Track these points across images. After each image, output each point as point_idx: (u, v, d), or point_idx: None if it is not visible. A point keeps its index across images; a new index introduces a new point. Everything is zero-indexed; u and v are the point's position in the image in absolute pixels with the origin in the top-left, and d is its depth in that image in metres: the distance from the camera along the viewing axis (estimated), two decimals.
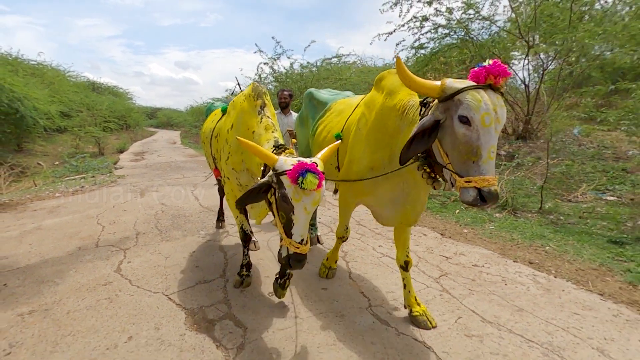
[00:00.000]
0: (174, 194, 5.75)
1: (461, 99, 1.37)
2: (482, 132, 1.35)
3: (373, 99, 2.05)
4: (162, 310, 2.33)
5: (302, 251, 1.57)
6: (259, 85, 2.17)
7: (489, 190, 1.36)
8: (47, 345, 2.00)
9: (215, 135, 2.51)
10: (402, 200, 1.97)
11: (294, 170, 1.50)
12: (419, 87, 1.48)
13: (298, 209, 1.54)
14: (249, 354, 1.92)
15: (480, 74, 1.40)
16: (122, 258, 3.17)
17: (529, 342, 2.00)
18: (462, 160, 1.41)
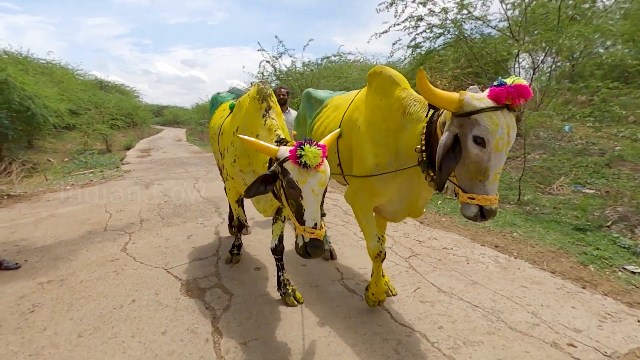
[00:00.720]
0: (177, 186, 6.16)
1: (479, 119, 1.35)
2: (493, 155, 1.36)
3: (368, 97, 2.06)
4: (161, 281, 2.72)
5: (318, 236, 1.57)
6: (264, 86, 2.13)
7: (490, 208, 1.40)
8: (63, 305, 2.40)
9: (221, 132, 2.51)
10: (408, 195, 2.00)
11: (294, 149, 1.52)
12: (437, 100, 1.44)
13: (306, 192, 1.54)
14: (232, 313, 2.29)
15: (501, 95, 1.35)
16: (127, 240, 3.57)
17: (474, 307, 2.33)
18: (469, 177, 1.43)
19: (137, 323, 2.18)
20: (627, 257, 3.04)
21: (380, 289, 2.20)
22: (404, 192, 1.99)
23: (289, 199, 1.62)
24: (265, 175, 1.65)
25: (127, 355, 1.90)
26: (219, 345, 1.98)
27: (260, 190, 1.65)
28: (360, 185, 2.07)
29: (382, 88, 1.96)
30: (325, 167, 1.58)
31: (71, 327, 2.15)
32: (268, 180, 1.66)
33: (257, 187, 1.64)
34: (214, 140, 2.77)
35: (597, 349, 1.93)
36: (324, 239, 3.35)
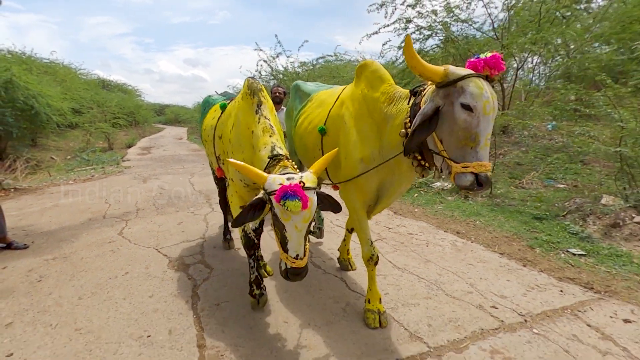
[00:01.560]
0: (173, 180, 6.58)
1: (464, 86, 1.41)
2: (482, 119, 1.40)
3: (354, 90, 2.09)
4: (152, 258, 3.12)
5: (299, 265, 1.60)
6: (253, 81, 2.13)
7: (485, 175, 1.41)
8: (66, 276, 2.81)
9: (219, 135, 2.44)
10: (387, 192, 2.06)
11: (277, 195, 1.52)
12: (423, 69, 1.47)
13: (289, 227, 1.55)
14: (211, 282, 2.68)
15: (478, 65, 1.45)
16: (124, 225, 3.99)
17: (420, 279, 2.71)
18: (460, 146, 1.45)
19: (129, 289, 2.59)
20: (573, 242, 3.39)
21: (375, 294, 2.20)
22: (385, 187, 2.04)
23: (274, 226, 1.64)
24: (253, 203, 1.64)
25: (119, 312, 2.30)
26: (197, 305, 2.38)
27: (248, 217, 1.65)
28: (350, 183, 2.07)
29: (369, 80, 1.99)
30: (311, 205, 1.56)
31: (73, 292, 2.56)
32: (257, 207, 1.65)
33: (245, 215, 1.64)
34: (208, 142, 2.72)
35: (514, 310, 2.30)
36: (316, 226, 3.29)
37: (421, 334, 2.06)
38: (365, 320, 2.15)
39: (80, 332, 2.10)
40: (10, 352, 1.93)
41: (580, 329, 2.12)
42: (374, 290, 2.20)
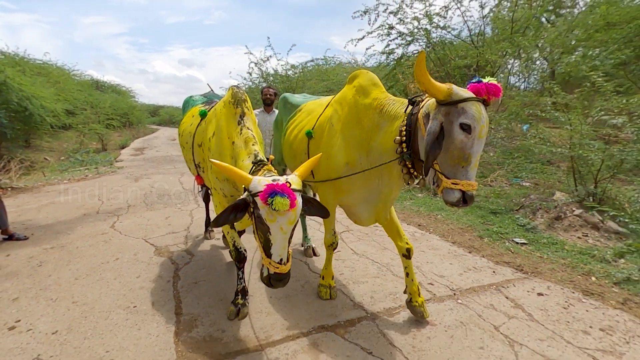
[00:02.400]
0: (163, 180, 6.99)
1: (465, 108, 1.50)
2: (476, 141, 1.51)
3: (345, 95, 2.17)
4: (140, 247, 3.54)
5: (282, 271, 1.58)
6: (238, 90, 2.13)
7: (471, 194, 1.54)
8: (64, 262, 3.22)
9: (199, 143, 2.43)
10: (375, 198, 2.11)
11: (264, 192, 1.52)
12: (429, 86, 1.54)
13: (274, 230, 1.54)
14: (191, 266, 3.11)
15: (481, 89, 1.54)
16: (115, 220, 4.40)
17: (374, 262, 3.15)
18: (453, 163, 1.55)
19: (119, 271, 3.00)
20: (520, 233, 3.85)
21: (329, 272, 2.52)
22: (372, 194, 2.09)
23: (257, 230, 1.62)
24: (235, 204, 1.63)
25: (110, 289, 2.71)
26: (177, 284, 2.80)
27: (230, 219, 1.63)
28: (328, 183, 2.16)
29: (362, 88, 2.07)
30: (297, 206, 1.57)
31: (69, 274, 2.97)
32: (239, 208, 1.64)
33: (226, 216, 1.62)
34: (186, 148, 2.71)
35: (447, 286, 2.74)
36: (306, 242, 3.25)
37: (363, 304, 2.50)
38: (318, 293, 2.57)
39: (77, 304, 2.51)
40: (18, 319, 2.34)
41: (498, 300, 2.56)
42: (329, 269, 2.55)
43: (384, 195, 2.10)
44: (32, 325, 2.27)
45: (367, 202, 2.16)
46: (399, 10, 8.26)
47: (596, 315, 2.40)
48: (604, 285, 2.78)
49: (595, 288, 2.74)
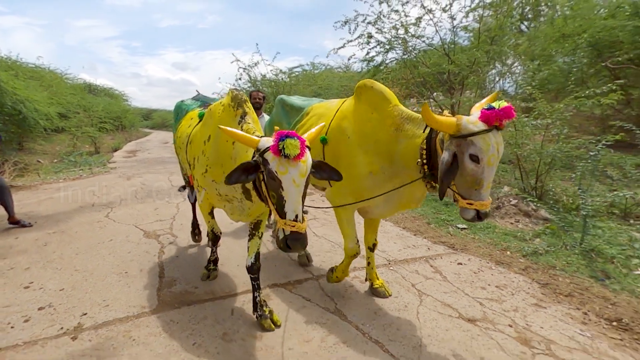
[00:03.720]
0: (154, 178, 7.61)
1: (474, 141, 1.65)
2: (486, 169, 1.67)
3: (358, 109, 2.28)
4: (131, 231, 4.16)
5: (299, 229, 1.60)
6: (238, 92, 2.14)
7: (485, 212, 1.73)
8: (65, 242, 3.83)
9: (190, 141, 2.49)
10: (397, 199, 2.27)
11: (275, 141, 1.57)
12: (439, 125, 1.71)
13: (286, 182, 1.58)
14: (174, 245, 3.73)
15: (491, 117, 1.65)
16: (109, 211, 5.02)
17: (330, 242, 3.80)
18: (467, 187, 1.74)
19: (113, 249, 3.62)
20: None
21: (346, 274, 2.67)
22: (393, 195, 2.22)
23: (269, 190, 1.65)
24: (247, 163, 1.68)
25: (105, 261, 3.33)
26: (161, 257, 3.43)
27: (241, 179, 1.68)
28: (348, 189, 2.28)
29: (372, 102, 2.20)
30: (307, 157, 1.63)
31: (71, 251, 3.59)
32: (249, 170, 1.69)
33: (238, 175, 1.67)
34: (182, 149, 2.77)
35: (385, 258, 3.40)
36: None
37: (312, 270, 3.14)
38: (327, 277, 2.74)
39: (79, 271, 3.13)
40: (31, 282, 2.95)
41: (423, 267, 3.22)
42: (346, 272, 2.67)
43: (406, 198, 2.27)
44: (43, 285, 2.88)
45: (387, 202, 2.33)
46: (377, 20, 8.99)
47: (498, 278, 3.06)
48: (514, 257, 3.44)
49: (507, 259, 3.41)
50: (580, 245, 3.46)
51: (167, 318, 2.42)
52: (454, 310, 2.54)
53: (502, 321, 2.43)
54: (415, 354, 2.08)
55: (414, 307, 2.58)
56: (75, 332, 2.26)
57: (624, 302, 2.67)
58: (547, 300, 2.71)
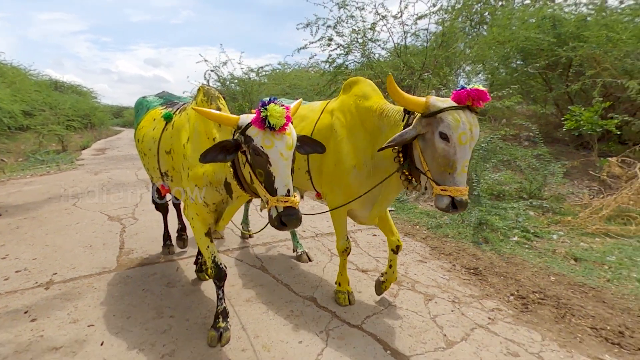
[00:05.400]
0: (121, 173, 8.14)
1: (443, 117, 1.65)
2: (458, 148, 1.65)
3: (345, 102, 2.32)
4: (97, 216, 4.77)
5: (292, 203, 1.57)
6: (210, 88, 2.12)
7: (460, 199, 1.66)
8: (36, 225, 4.41)
9: (167, 150, 2.37)
10: (379, 199, 2.31)
11: (257, 111, 1.54)
12: (406, 102, 1.73)
13: (274, 156, 1.56)
14: (135, 226, 4.39)
15: (461, 96, 1.67)
16: (76, 200, 5.59)
17: None
18: (440, 170, 1.70)
19: (79, 230, 4.24)
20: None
21: (345, 278, 2.65)
22: (375, 195, 2.25)
23: (256, 169, 1.62)
24: (226, 142, 1.64)
25: (72, 239, 3.95)
26: (123, 234, 4.08)
27: (218, 157, 1.63)
28: (338, 187, 2.31)
29: (362, 92, 2.25)
30: (291, 129, 1.62)
31: (41, 232, 4.18)
32: (228, 149, 1.64)
33: (215, 154, 1.62)
34: (148, 155, 2.65)
35: (314, 232, 4.17)
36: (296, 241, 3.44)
37: (249, 241, 3.87)
38: (336, 300, 2.66)
39: (49, 246, 3.75)
40: (7, 254, 3.55)
41: None
42: (345, 275, 2.66)
43: (383, 197, 2.29)
44: (18, 256, 3.50)
45: (371, 202, 2.33)
46: (337, 24, 9.80)
47: None
48: (420, 230, 4.30)
49: (414, 232, 4.26)
50: (474, 220, 4.35)
51: (123, 274, 3.11)
52: (354, 264, 3.34)
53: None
54: (312, 291, 2.86)
55: (323, 264, 3.37)
56: (48, 285, 2.92)
57: (487, 258, 3.54)
58: (430, 258, 3.56)
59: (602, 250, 3.69)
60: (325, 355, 2.10)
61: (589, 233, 4.19)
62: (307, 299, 2.74)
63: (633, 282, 3.00)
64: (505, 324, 2.45)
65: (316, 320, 2.45)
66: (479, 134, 1.75)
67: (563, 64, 7.01)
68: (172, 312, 2.53)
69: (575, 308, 2.63)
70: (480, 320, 2.50)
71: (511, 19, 8.11)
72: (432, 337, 2.30)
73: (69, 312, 2.52)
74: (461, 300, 2.77)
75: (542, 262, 3.41)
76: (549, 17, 7.27)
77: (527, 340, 2.27)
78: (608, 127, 5.57)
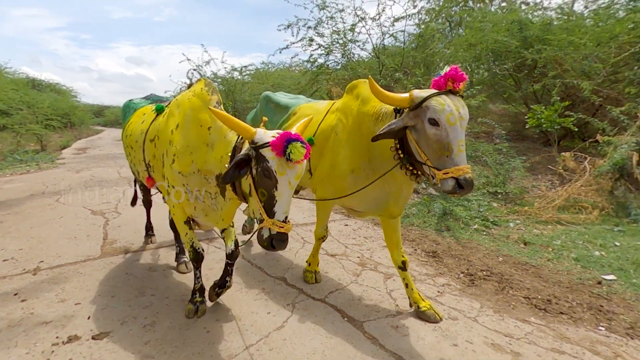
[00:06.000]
0: (103, 171, 8.28)
1: (428, 105, 1.74)
2: (449, 130, 1.71)
3: (348, 105, 2.38)
4: (80, 210, 4.97)
5: (286, 230, 1.60)
6: (210, 82, 2.12)
7: (464, 178, 1.70)
8: (20, 219, 4.59)
9: (152, 138, 2.39)
10: (385, 198, 2.30)
11: (280, 140, 1.55)
12: (391, 100, 1.80)
13: (282, 184, 1.58)
14: (118, 220, 4.61)
15: (440, 82, 1.77)
16: (59, 197, 5.75)
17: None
18: (437, 156, 1.76)
19: (63, 223, 4.44)
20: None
21: (315, 260, 2.95)
22: (378, 195, 2.27)
23: (259, 188, 1.63)
24: (239, 160, 1.66)
25: (56, 231, 4.15)
26: (107, 226, 4.30)
27: (235, 175, 1.65)
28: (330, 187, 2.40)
29: (361, 95, 2.30)
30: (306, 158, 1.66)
31: (25, 225, 4.37)
32: (241, 165, 1.66)
33: (233, 173, 1.65)
34: (135, 149, 2.69)
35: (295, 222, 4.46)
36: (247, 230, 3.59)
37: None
38: (304, 278, 2.97)
39: (34, 238, 3.95)
40: None
41: None
42: (316, 258, 2.98)
43: (394, 194, 2.29)
44: (4, 247, 3.69)
45: (375, 201, 2.35)
46: (317, 25, 10.12)
47: (368, 232, 4.24)
48: None
49: None
50: (438, 211, 4.73)
51: (107, 261, 3.35)
52: (324, 249, 3.67)
53: (354, 255, 3.58)
54: (283, 272, 3.17)
55: (295, 250, 3.68)
56: (35, 271, 3.14)
57: (446, 243, 3.92)
58: None
59: (550, 236, 4.11)
60: (289, 322, 2.41)
61: (543, 221, 4.63)
62: (278, 279, 3.04)
63: (570, 261, 3.42)
64: (451, 296, 2.81)
65: (284, 296, 2.77)
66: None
67: (529, 66, 7.50)
68: (153, 292, 2.80)
69: (514, 282, 3.02)
70: (431, 293, 2.85)
71: (483, 22, 8.56)
72: (385, 307, 2.63)
73: (57, 294, 2.76)
74: (417, 278, 3.12)
75: (494, 246, 3.80)
76: (516, 21, 7.73)
77: (467, 308, 2.63)
78: (566, 125, 6.05)
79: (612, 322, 2.46)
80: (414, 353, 2.10)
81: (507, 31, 8.00)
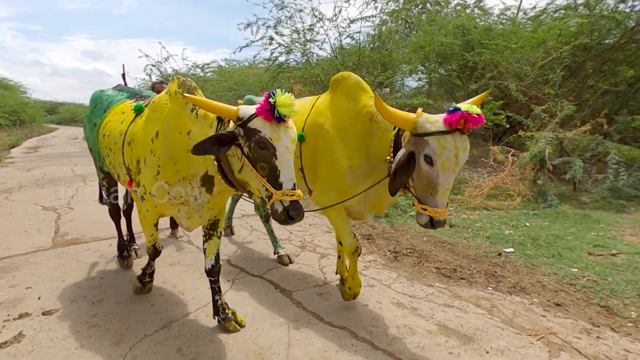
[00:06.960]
0: (56, 169, 8.19)
1: (429, 141, 1.69)
2: (441, 173, 1.71)
3: (334, 102, 2.33)
4: (30, 207, 5.04)
5: (298, 197, 1.60)
6: (185, 79, 2.00)
7: (438, 219, 1.76)
8: None
9: (129, 141, 2.29)
10: (374, 197, 2.34)
11: (264, 103, 1.53)
12: (395, 120, 1.80)
13: (280, 150, 1.58)
14: (70, 214, 4.74)
15: (453, 121, 1.68)
16: (8, 194, 5.75)
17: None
18: (423, 190, 1.79)
19: (13, 218, 4.53)
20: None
21: (357, 282, 2.49)
22: (370, 193, 2.26)
23: (258, 163, 1.60)
24: (222, 134, 1.61)
25: (7, 227, 4.24)
26: (59, 222, 4.44)
27: (212, 149, 1.60)
28: (330, 187, 2.31)
29: (349, 93, 2.26)
30: (293, 123, 1.67)
31: None
32: (223, 141, 1.61)
33: (210, 145, 1.60)
34: (114, 150, 2.52)
35: (241, 212, 4.80)
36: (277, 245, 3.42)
37: None
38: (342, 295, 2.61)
39: None
40: None
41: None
42: (357, 279, 2.50)
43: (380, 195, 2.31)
44: None
45: (367, 200, 2.39)
46: (277, 25, 10.43)
47: (313, 220, 4.65)
48: None
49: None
50: None
51: (58, 251, 3.55)
52: None
53: (296, 239, 3.99)
54: (227, 256, 3.51)
55: (243, 237, 4.03)
56: None
57: (382, 228, 4.41)
58: None
59: (475, 220, 4.71)
60: (228, 294, 2.77)
61: (472, 207, 5.24)
62: (223, 262, 3.37)
63: (483, 239, 3.99)
64: (375, 269, 3.28)
65: (227, 274, 3.12)
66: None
67: (470, 67, 8.22)
68: (103, 275, 3.06)
69: (431, 257, 3.53)
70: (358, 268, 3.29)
71: (432, 25, 9.22)
72: (315, 279, 3.05)
73: (7, 280, 2.95)
74: None
75: (422, 229, 4.32)
76: (460, 26, 8.43)
77: (385, 278, 3.10)
78: (498, 122, 6.76)
79: (499, 284, 3.01)
80: (329, 312, 2.53)
81: (453, 35, 8.68)
